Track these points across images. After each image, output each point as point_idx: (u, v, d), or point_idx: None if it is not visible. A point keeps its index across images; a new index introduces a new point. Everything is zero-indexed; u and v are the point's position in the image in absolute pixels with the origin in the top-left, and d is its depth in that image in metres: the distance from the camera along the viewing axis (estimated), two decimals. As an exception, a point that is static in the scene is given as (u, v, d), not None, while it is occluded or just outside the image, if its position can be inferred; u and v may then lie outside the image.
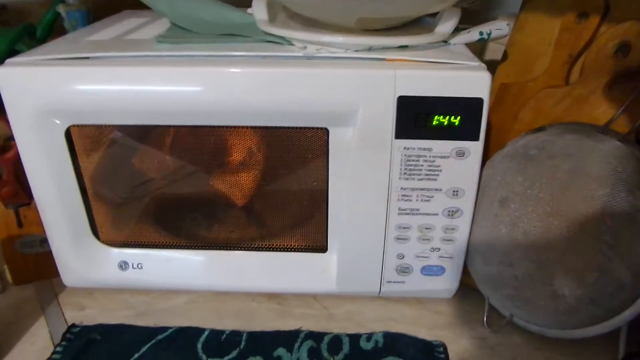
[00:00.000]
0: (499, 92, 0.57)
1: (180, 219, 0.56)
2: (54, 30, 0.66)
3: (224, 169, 0.53)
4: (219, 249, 0.55)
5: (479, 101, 0.44)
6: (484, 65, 0.45)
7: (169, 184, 0.53)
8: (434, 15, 0.55)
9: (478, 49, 0.68)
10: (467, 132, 0.46)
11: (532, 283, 0.47)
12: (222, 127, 0.49)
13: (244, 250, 0.55)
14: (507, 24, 0.52)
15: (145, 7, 0.55)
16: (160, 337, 0.52)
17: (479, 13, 0.68)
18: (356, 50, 0.47)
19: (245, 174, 0.53)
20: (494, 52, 0.68)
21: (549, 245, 0.45)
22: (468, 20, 0.53)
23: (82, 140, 0.50)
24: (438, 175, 0.47)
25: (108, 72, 0.45)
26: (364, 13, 0.45)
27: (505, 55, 0.59)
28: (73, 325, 0.53)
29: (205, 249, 0.56)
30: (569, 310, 0.46)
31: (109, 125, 0.49)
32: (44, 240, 0.58)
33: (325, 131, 0.47)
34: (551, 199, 0.45)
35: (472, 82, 0.44)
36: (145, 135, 0.51)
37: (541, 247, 0.46)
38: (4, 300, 0.58)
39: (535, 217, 0.46)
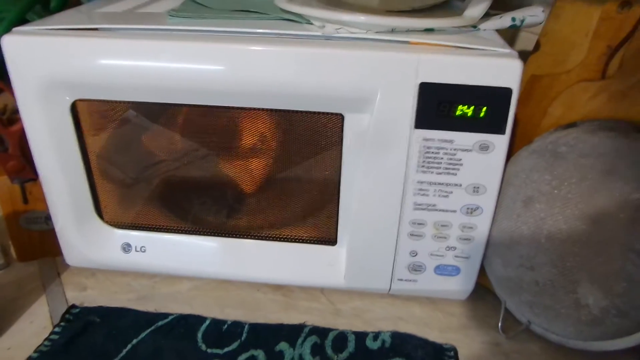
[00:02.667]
0: (529, 85, 0.54)
1: (188, 203, 0.54)
2: (69, 2, 0.64)
3: (235, 153, 0.51)
4: (226, 236, 0.54)
5: (507, 91, 0.41)
6: (515, 52, 0.42)
7: (179, 166, 0.52)
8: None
9: (508, 38, 0.64)
10: (492, 124, 0.42)
11: (554, 290, 0.44)
12: (235, 108, 0.46)
13: (251, 238, 0.53)
14: (543, 11, 0.48)
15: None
16: (160, 323, 0.50)
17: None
18: (378, 32, 0.44)
19: (256, 160, 0.51)
20: (525, 41, 0.64)
21: (575, 251, 0.42)
22: (499, 6, 0.49)
23: (88, 116, 0.48)
24: (459, 169, 0.44)
25: (117, 45, 0.43)
26: (388, -8, 0.42)
27: (537, 45, 0.55)
28: (73, 306, 0.52)
29: (211, 235, 0.54)
30: (592, 320, 0.43)
31: (117, 102, 0.47)
32: (49, 217, 0.57)
33: (341, 117, 0.45)
34: (580, 201, 0.42)
35: (501, 70, 0.41)
36: (155, 114, 0.49)
37: (566, 252, 0.42)
38: (7, 276, 0.57)
39: (561, 219, 0.43)
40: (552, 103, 0.51)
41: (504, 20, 0.48)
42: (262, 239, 0.53)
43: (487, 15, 0.48)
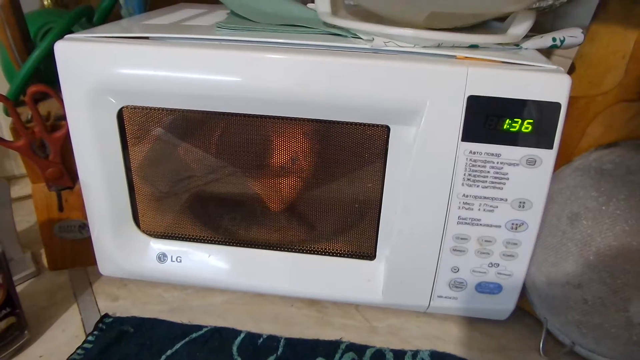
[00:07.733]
0: (566, 105, 0.54)
1: (223, 215, 0.54)
2: (110, 17, 0.65)
3: (276, 165, 0.50)
4: (261, 248, 0.53)
5: (556, 106, 0.41)
6: (562, 69, 0.43)
7: (218, 178, 0.51)
8: (502, 20, 0.53)
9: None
10: (540, 138, 0.42)
11: (603, 308, 0.43)
12: (280, 118, 0.46)
13: (287, 251, 0.53)
14: (582, 32, 0.49)
15: (201, 1, 0.54)
16: (194, 335, 0.49)
17: (543, 24, 0.65)
18: (425, 47, 0.44)
19: (296, 171, 0.50)
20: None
21: (627, 268, 0.41)
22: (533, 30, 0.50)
23: (132, 124, 0.48)
24: (505, 184, 0.44)
25: (168, 53, 0.44)
26: (438, 7, 0.43)
27: (572, 68, 0.55)
28: (106, 315, 0.51)
29: (246, 247, 0.53)
30: (644, 341, 0.42)
31: (161, 110, 0.48)
32: (83, 226, 0.56)
33: (386, 129, 0.45)
34: (630, 217, 0.42)
35: (550, 84, 0.41)
36: (196, 127, 0.49)
37: (617, 269, 0.42)
38: (38, 285, 0.56)
39: (611, 235, 0.42)
40: (591, 123, 0.51)
41: (545, 40, 0.48)
42: (298, 252, 0.52)
43: (527, 37, 0.48)
